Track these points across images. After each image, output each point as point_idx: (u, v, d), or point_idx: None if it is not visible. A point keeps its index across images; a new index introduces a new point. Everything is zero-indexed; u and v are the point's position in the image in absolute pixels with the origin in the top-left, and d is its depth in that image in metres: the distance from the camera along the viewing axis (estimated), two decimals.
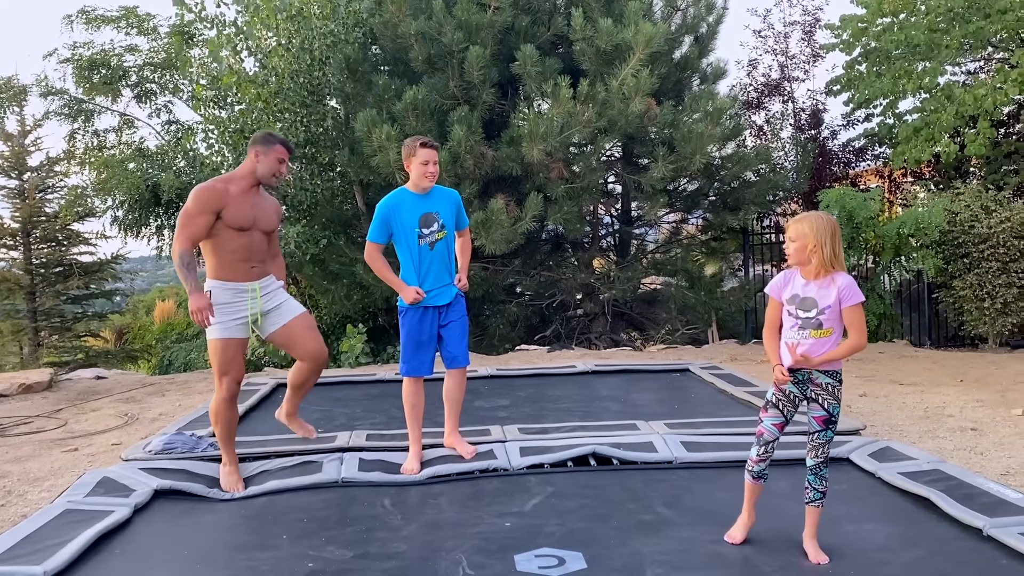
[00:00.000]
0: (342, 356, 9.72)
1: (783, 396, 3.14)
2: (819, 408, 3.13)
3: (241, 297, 4.34)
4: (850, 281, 3.07)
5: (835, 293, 3.05)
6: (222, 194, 4.23)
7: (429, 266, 4.49)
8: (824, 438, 3.13)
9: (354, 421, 5.90)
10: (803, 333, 3.09)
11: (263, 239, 4.44)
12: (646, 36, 9.32)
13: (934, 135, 9.95)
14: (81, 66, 11.38)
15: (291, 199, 10.19)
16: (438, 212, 4.48)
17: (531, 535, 3.54)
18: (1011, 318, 9.81)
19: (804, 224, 3.08)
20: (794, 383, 3.13)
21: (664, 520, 3.70)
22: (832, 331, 3.07)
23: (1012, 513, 3.48)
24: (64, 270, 9.99)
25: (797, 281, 3.13)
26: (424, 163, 4.39)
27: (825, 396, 3.12)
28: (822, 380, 3.12)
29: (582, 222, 10.63)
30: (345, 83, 10.28)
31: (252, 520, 3.94)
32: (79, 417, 7.25)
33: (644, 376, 7.55)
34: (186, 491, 4.27)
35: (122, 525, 3.79)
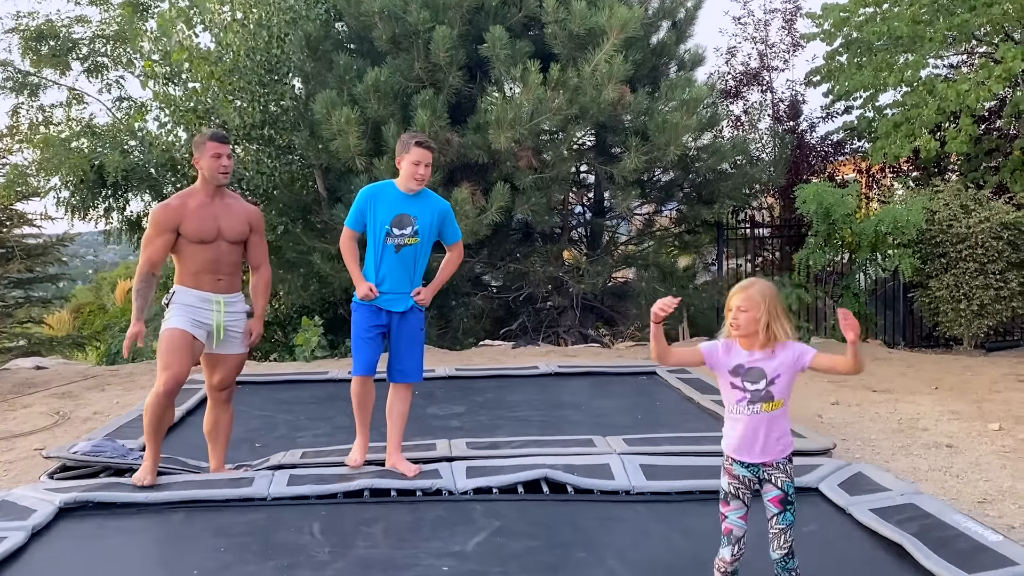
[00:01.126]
0: (297, 350, 9.31)
1: (739, 483, 2.87)
2: (774, 488, 2.84)
3: (206, 305, 4.24)
4: (793, 344, 2.83)
5: (786, 359, 2.81)
6: (177, 210, 4.22)
7: (390, 269, 4.22)
8: (784, 522, 2.82)
9: (296, 432, 5.53)
10: (753, 408, 2.82)
11: (232, 250, 4.32)
12: (621, 20, 8.92)
13: (914, 130, 9.66)
14: (27, 37, 10.78)
15: (247, 182, 9.72)
16: (416, 217, 4.21)
17: None
18: (987, 320, 9.60)
19: (755, 292, 2.81)
20: (744, 467, 2.86)
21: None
22: (783, 403, 2.83)
23: (991, 566, 3.17)
24: (6, 253, 9.48)
25: (739, 353, 2.85)
26: (416, 163, 4.14)
27: (778, 475, 2.84)
28: (776, 462, 2.85)
29: (551, 213, 10.26)
30: (305, 62, 9.79)
31: (163, 546, 3.60)
32: (7, 415, 6.81)
33: (609, 380, 7.25)
34: (98, 501, 3.90)
35: (15, 553, 3.41)
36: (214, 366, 4.41)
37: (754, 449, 2.83)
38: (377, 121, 9.27)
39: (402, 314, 4.29)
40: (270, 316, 10.30)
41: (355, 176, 9.31)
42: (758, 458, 2.84)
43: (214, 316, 4.25)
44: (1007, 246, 9.43)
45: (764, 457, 2.84)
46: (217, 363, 4.40)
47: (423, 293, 4.33)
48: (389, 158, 9.03)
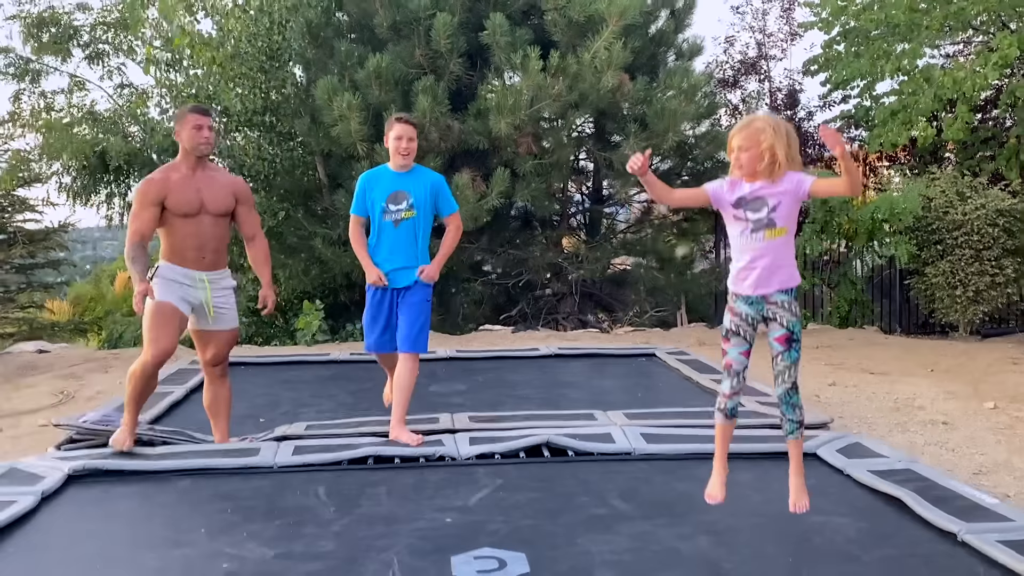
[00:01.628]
0: (298, 334, 9.36)
1: (741, 320, 2.93)
2: (779, 327, 2.90)
3: (191, 282, 4.26)
4: (797, 173, 2.87)
5: (787, 187, 2.85)
6: (162, 183, 4.24)
7: (391, 244, 4.41)
8: (789, 359, 2.93)
9: (299, 408, 5.57)
10: (756, 236, 2.87)
11: (216, 223, 4.32)
12: (620, 8, 8.98)
13: (911, 118, 9.73)
14: (29, 24, 10.81)
15: (248, 168, 9.76)
16: (409, 192, 4.40)
17: (472, 533, 3.25)
18: (982, 307, 9.68)
19: (756, 130, 2.84)
20: (747, 303, 2.91)
21: (618, 514, 3.42)
22: (786, 230, 2.88)
23: (988, 519, 3.25)
24: (8, 238, 9.52)
25: (742, 186, 2.89)
26: (398, 138, 4.35)
27: (782, 313, 2.89)
28: (778, 298, 2.89)
29: (551, 199, 10.32)
30: (306, 48, 9.84)
31: (170, 509, 3.64)
32: (12, 394, 6.86)
33: (608, 361, 7.30)
34: (105, 469, 3.95)
35: (27, 515, 3.45)
36: (207, 343, 4.42)
37: (756, 279, 2.87)
38: (378, 107, 9.32)
39: (407, 288, 4.42)
40: None
41: (356, 162, 9.36)
42: (761, 289, 2.87)
43: (201, 294, 4.26)
44: (1002, 233, 9.51)
45: (767, 288, 2.88)
46: (209, 339, 4.41)
47: (428, 269, 4.44)
48: None
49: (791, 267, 2.93)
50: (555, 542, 3.16)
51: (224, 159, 9.68)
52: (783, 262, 2.90)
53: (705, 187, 3.00)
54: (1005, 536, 3.07)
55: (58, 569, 3.03)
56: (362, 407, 5.46)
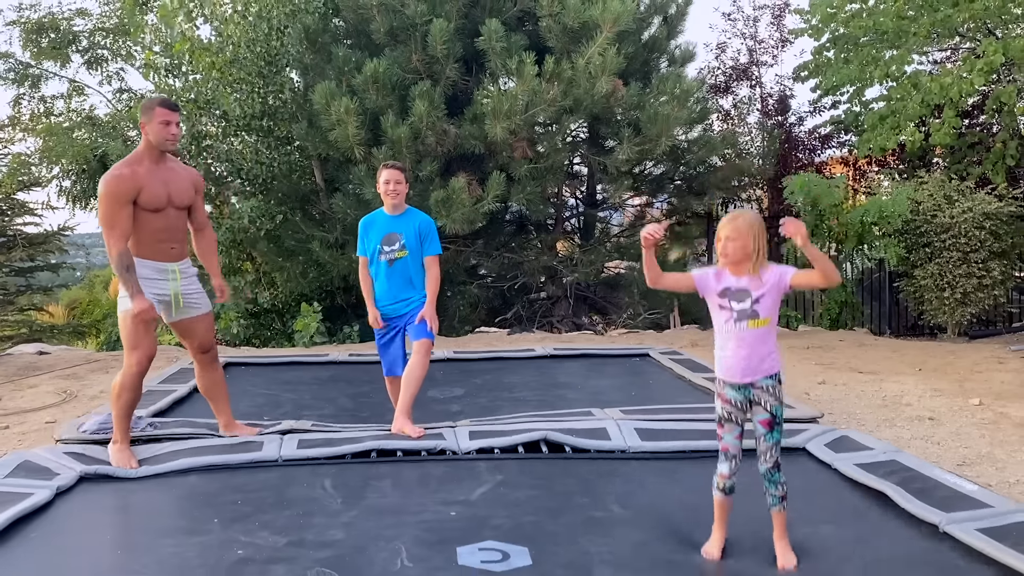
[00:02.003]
0: (296, 335, 9.47)
1: (732, 406, 3.10)
2: (762, 411, 3.06)
3: (162, 275, 4.27)
4: (775, 266, 3.04)
5: (770, 279, 3.01)
6: (131, 179, 4.11)
7: (387, 280, 4.79)
8: (771, 440, 3.06)
9: (301, 410, 5.65)
10: (740, 326, 3.03)
11: (180, 216, 4.36)
12: (613, 14, 9.14)
13: (900, 123, 9.91)
14: (28, 29, 10.92)
15: (246, 172, 9.87)
16: (402, 233, 4.76)
17: (476, 526, 3.37)
18: (970, 308, 9.84)
19: (742, 223, 3.03)
20: (735, 389, 3.08)
21: (615, 519, 3.52)
22: (769, 320, 3.04)
23: (969, 507, 3.39)
24: (7, 241, 9.60)
25: (727, 277, 3.07)
26: (386, 182, 4.72)
27: (767, 397, 3.05)
28: (763, 383, 3.05)
29: (546, 203, 10.47)
30: (304, 54, 9.97)
31: (183, 501, 3.76)
32: (15, 393, 6.95)
33: (603, 361, 7.43)
34: (114, 475, 4.05)
35: (42, 508, 3.56)
36: (189, 333, 4.47)
37: (742, 367, 3.02)
38: (375, 112, 9.45)
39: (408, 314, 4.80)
40: (268, 304, 10.46)
41: (353, 166, 9.49)
42: (747, 378, 3.03)
43: (170, 286, 4.28)
44: (989, 236, 9.67)
45: (753, 376, 3.03)
46: (190, 327, 4.45)
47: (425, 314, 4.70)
48: (387, 148, 9.23)
49: (774, 354, 3.08)
50: (555, 539, 3.26)
51: (223, 163, 9.80)
52: (767, 350, 3.06)
53: (692, 274, 3.16)
54: (984, 524, 3.20)
55: (79, 556, 3.15)
56: (362, 411, 5.57)
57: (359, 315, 10.54)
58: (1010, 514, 3.30)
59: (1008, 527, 3.16)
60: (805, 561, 3.05)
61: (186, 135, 9.78)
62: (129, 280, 4.06)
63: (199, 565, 3.00)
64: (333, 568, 2.95)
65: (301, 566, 2.97)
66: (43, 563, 3.07)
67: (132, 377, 4.22)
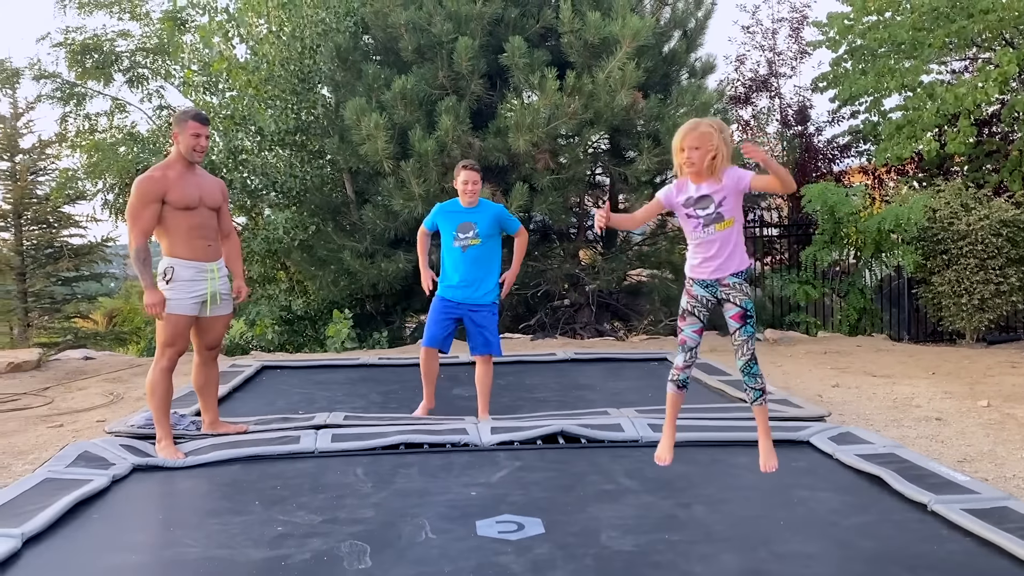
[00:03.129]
0: (328, 341, 9.84)
1: (696, 301, 3.29)
2: (732, 306, 3.24)
3: (202, 276, 4.58)
4: (735, 169, 3.19)
5: (729, 183, 3.16)
6: (161, 180, 4.46)
7: (459, 265, 5.29)
8: (745, 334, 3.24)
9: (334, 404, 6.00)
10: (708, 230, 3.21)
11: (212, 216, 4.69)
12: (633, 29, 9.42)
13: (916, 133, 10.09)
14: (74, 50, 11.46)
15: (280, 185, 10.29)
16: (476, 223, 5.28)
17: (494, 503, 3.68)
18: (988, 314, 9.97)
19: (705, 130, 3.16)
20: (703, 287, 3.27)
21: (624, 489, 3.84)
22: (733, 221, 3.21)
23: (957, 492, 3.63)
24: (54, 252, 10.09)
25: (689, 187, 3.23)
26: (465, 182, 5.27)
27: (735, 293, 3.23)
28: (730, 280, 3.24)
29: (568, 213, 10.75)
30: (336, 71, 10.37)
31: (227, 487, 4.07)
32: (65, 395, 7.36)
33: (622, 365, 7.69)
34: (163, 466, 4.39)
35: (100, 493, 3.90)
36: (207, 330, 4.74)
37: (711, 266, 3.23)
38: (404, 126, 9.81)
39: (476, 305, 5.30)
40: (301, 311, 10.85)
41: (382, 178, 9.85)
42: (714, 274, 3.24)
43: (209, 285, 4.60)
44: (1006, 243, 9.81)
45: (720, 273, 3.24)
46: (209, 326, 4.73)
47: (507, 276, 5.46)
48: (415, 161, 9.58)
49: (741, 253, 3.28)
50: (567, 510, 3.58)
51: (258, 176, 10.21)
52: (735, 249, 3.26)
53: (657, 196, 3.38)
54: (970, 505, 3.45)
55: (135, 533, 3.49)
56: (390, 404, 5.93)
57: (388, 322, 10.91)
58: (995, 499, 3.53)
59: (991, 510, 3.40)
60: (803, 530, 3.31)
61: (223, 150, 10.22)
62: (144, 273, 4.41)
63: (243, 539, 3.32)
64: (364, 541, 3.25)
65: (335, 539, 3.28)
66: (104, 539, 3.40)
67: (161, 372, 4.54)
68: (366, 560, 3.07)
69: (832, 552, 3.14)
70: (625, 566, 3.00)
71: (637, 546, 3.17)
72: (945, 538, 3.23)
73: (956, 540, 3.20)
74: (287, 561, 3.08)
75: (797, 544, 3.21)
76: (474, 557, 3.08)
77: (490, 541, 3.23)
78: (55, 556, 3.17)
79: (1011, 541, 3.03)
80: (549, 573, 2.93)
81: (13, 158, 11.64)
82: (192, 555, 3.17)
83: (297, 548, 3.20)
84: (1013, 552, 2.98)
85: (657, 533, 3.31)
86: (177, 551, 3.22)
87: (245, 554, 3.16)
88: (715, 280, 3.24)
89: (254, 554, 3.16)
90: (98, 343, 10.73)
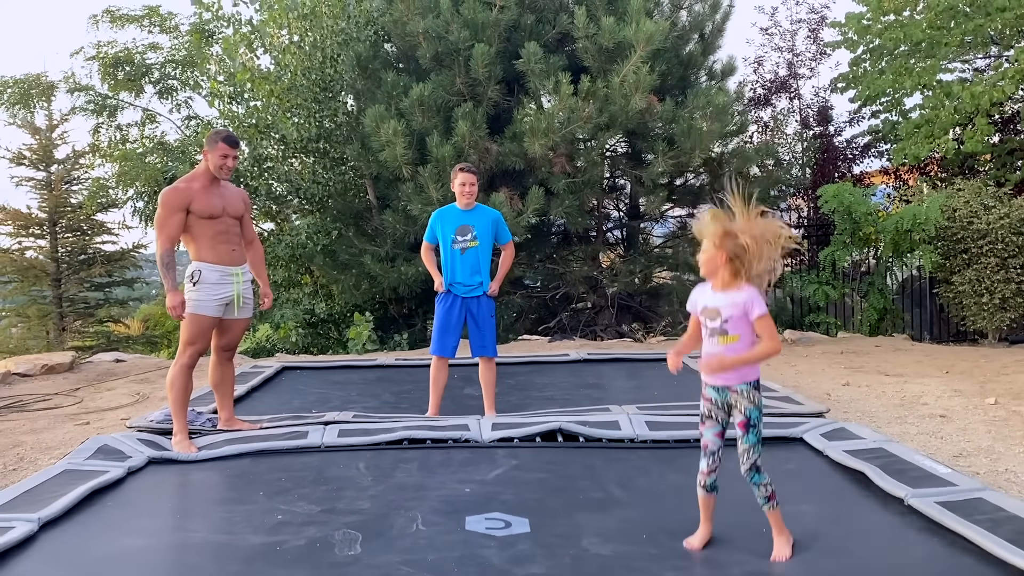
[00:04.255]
0: (349, 343, 10.06)
1: (712, 405, 3.26)
2: (739, 414, 3.21)
3: (227, 279, 4.85)
4: (753, 294, 3.09)
5: (737, 302, 3.09)
6: (186, 192, 4.77)
7: (459, 267, 5.46)
8: (747, 442, 3.18)
9: (347, 404, 6.17)
10: (712, 341, 3.17)
11: (235, 224, 4.97)
12: (647, 33, 9.53)
13: (934, 132, 10.06)
14: (106, 63, 11.86)
15: (304, 192, 10.55)
16: (474, 226, 5.44)
17: (486, 501, 3.82)
18: (1009, 313, 9.90)
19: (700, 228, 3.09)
20: (715, 391, 3.23)
21: (612, 499, 3.88)
22: (739, 337, 3.12)
23: (935, 485, 3.70)
24: (88, 258, 10.45)
25: (705, 294, 3.19)
26: (462, 184, 5.40)
27: (742, 402, 3.18)
28: (739, 387, 3.19)
29: (584, 215, 10.87)
30: (356, 80, 10.62)
31: (235, 479, 4.27)
32: (94, 395, 7.66)
33: (634, 365, 7.77)
34: (177, 459, 4.60)
35: (116, 483, 4.12)
36: (227, 331, 4.98)
37: (719, 373, 3.21)
38: (422, 133, 10.02)
39: (476, 299, 5.49)
40: (324, 314, 11.10)
41: (402, 183, 10.06)
42: (721, 381, 3.21)
43: (234, 288, 4.88)
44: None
45: (727, 381, 3.20)
46: (229, 328, 4.97)
47: (492, 286, 5.56)
48: (433, 167, 9.77)
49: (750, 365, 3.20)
50: (555, 513, 3.67)
51: (282, 183, 10.49)
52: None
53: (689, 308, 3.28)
54: (945, 499, 3.52)
55: (144, 519, 3.70)
56: (402, 404, 6.10)
57: (409, 324, 11.11)
58: (970, 492, 3.60)
59: (964, 502, 3.47)
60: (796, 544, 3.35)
61: (248, 158, 10.51)
62: (168, 276, 4.67)
63: (244, 526, 3.51)
64: (357, 530, 3.42)
65: (330, 528, 3.45)
66: (114, 524, 3.61)
67: (182, 368, 4.78)
68: (356, 547, 3.24)
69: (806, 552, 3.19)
70: (600, 568, 3.08)
71: (615, 553, 3.23)
72: (920, 530, 3.30)
73: (932, 532, 3.27)
74: (282, 546, 3.26)
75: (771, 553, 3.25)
76: (458, 549, 3.23)
77: (476, 536, 3.38)
78: (68, 539, 3.38)
79: (976, 532, 3.10)
80: (527, 566, 3.06)
81: (48, 168, 12.08)
82: (194, 540, 3.37)
83: (293, 535, 3.38)
84: (977, 542, 3.05)
85: (636, 545, 3.33)
86: (181, 536, 3.43)
87: (244, 539, 3.35)
88: (724, 386, 3.21)
89: (253, 539, 3.35)
90: (130, 347, 11.09)
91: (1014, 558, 2.89)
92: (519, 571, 3.02)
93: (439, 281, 5.51)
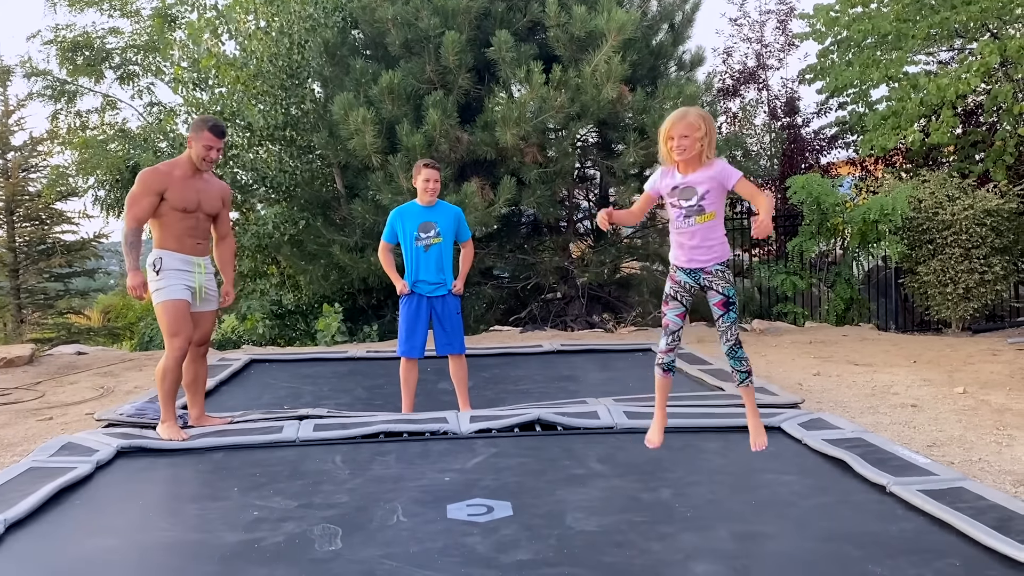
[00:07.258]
0: (318, 335, 9.93)
1: (679, 287, 3.38)
2: (715, 294, 3.34)
3: (190, 268, 4.76)
4: (724, 162, 3.26)
5: (713, 176, 3.24)
6: (165, 176, 4.65)
7: (423, 264, 5.33)
8: (728, 320, 3.34)
9: (320, 400, 6.06)
10: (689, 221, 3.29)
11: (207, 220, 4.88)
12: (618, 23, 9.49)
13: (901, 124, 10.17)
14: (64, 48, 11.53)
15: (270, 180, 10.37)
16: (436, 222, 5.33)
17: (467, 488, 3.77)
18: (972, 303, 10.05)
19: (695, 118, 3.22)
20: (686, 274, 3.36)
21: (594, 473, 3.94)
22: (714, 214, 3.29)
23: (916, 474, 3.72)
24: (47, 248, 10.17)
25: (675, 176, 3.30)
26: (425, 180, 5.28)
27: (717, 281, 3.32)
28: (713, 268, 3.32)
29: (556, 206, 10.83)
30: (324, 66, 10.45)
31: (207, 474, 4.17)
32: (56, 389, 7.45)
33: (607, 356, 7.77)
34: (149, 447, 4.48)
35: (84, 480, 3.99)
36: (195, 324, 4.86)
37: (693, 255, 3.32)
38: (391, 121, 9.89)
39: (441, 298, 5.38)
40: (292, 305, 10.94)
41: (371, 172, 9.93)
42: (697, 264, 3.33)
43: (196, 278, 4.78)
44: (990, 232, 9.89)
45: (702, 263, 3.32)
46: (197, 321, 4.85)
47: (456, 285, 5.44)
48: (403, 155, 9.65)
49: (723, 244, 3.37)
50: (537, 494, 3.67)
51: (248, 171, 10.29)
52: (715, 240, 3.35)
53: (645, 188, 3.47)
54: (926, 487, 3.54)
55: (115, 518, 3.58)
56: (375, 400, 6.00)
57: (379, 315, 11.00)
58: (951, 480, 3.63)
59: (946, 490, 3.49)
60: (766, 509, 3.41)
61: None
62: (130, 255, 4.58)
63: (219, 523, 3.41)
64: (336, 525, 3.34)
65: (308, 523, 3.37)
66: (84, 524, 3.49)
67: (174, 361, 4.67)
68: (336, 542, 3.17)
69: (789, 531, 3.24)
70: (586, 545, 3.09)
71: (600, 527, 3.27)
72: (901, 517, 3.32)
73: (910, 519, 3.29)
74: (260, 544, 3.17)
75: (757, 524, 3.31)
76: (441, 539, 3.18)
77: (458, 523, 3.33)
78: (36, 541, 3.25)
79: (959, 518, 3.12)
80: (512, 552, 3.03)
81: (4, 155, 11.73)
82: (167, 539, 3.27)
83: (271, 532, 3.29)
84: (961, 529, 3.07)
85: (621, 515, 3.40)
86: (153, 535, 3.32)
87: (219, 537, 3.26)
88: (698, 268, 3.32)
89: (228, 537, 3.25)
90: (92, 339, 10.82)
91: (1000, 545, 2.91)
92: (504, 558, 2.98)
93: (401, 285, 5.37)
